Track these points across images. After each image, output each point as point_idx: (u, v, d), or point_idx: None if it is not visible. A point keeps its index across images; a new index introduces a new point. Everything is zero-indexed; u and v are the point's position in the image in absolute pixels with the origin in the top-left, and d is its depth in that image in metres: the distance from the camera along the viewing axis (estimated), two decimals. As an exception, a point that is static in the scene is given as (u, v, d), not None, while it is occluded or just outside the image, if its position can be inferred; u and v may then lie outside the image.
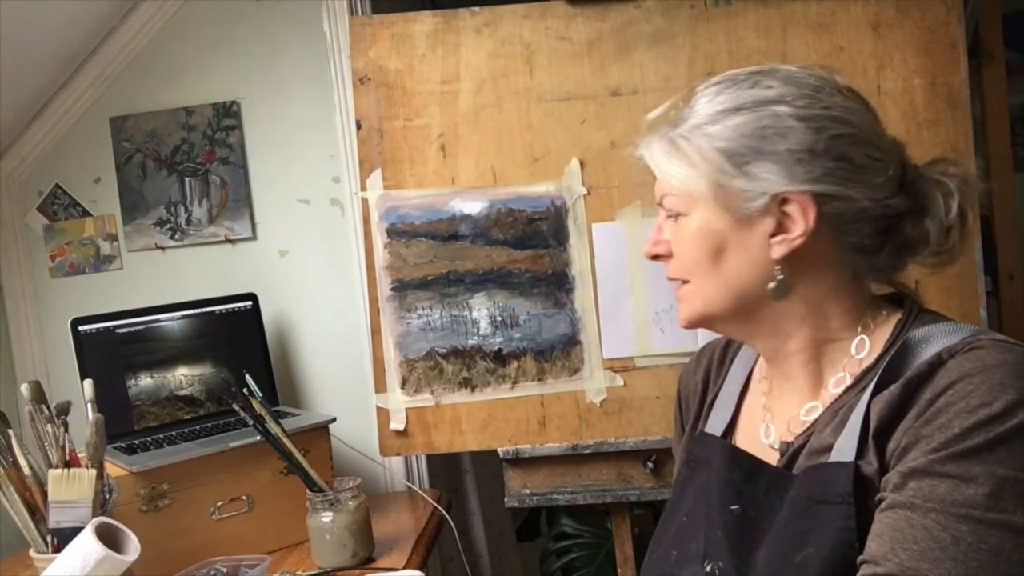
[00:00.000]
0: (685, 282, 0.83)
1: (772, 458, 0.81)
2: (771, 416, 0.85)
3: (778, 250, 0.77)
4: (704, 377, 0.97)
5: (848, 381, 0.78)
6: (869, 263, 0.80)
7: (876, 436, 0.70)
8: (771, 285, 0.78)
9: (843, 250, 0.78)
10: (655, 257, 0.86)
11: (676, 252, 0.83)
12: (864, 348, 0.79)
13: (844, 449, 0.72)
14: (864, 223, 0.77)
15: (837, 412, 0.77)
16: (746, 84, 0.79)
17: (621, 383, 1.35)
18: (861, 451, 0.71)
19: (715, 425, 0.90)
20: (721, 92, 0.80)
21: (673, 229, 0.83)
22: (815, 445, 0.77)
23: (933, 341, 0.73)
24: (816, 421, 0.79)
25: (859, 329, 0.80)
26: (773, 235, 0.77)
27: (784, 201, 0.76)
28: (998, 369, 0.67)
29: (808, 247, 0.76)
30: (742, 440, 0.87)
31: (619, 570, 1.42)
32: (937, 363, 0.70)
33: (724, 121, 0.78)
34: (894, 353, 0.74)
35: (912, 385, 0.70)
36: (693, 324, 0.85)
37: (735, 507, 0.79)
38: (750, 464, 0.82)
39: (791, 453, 0.79)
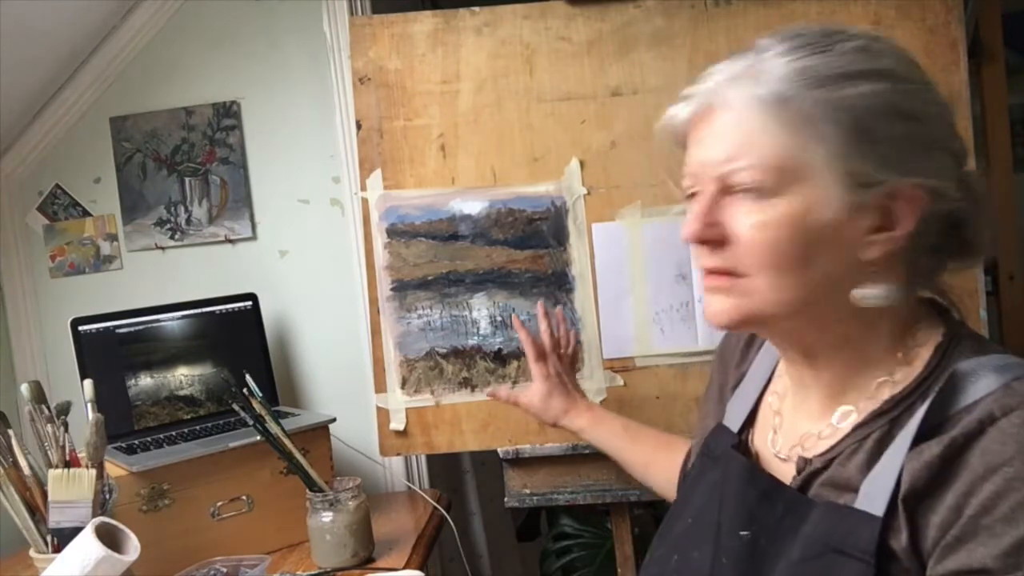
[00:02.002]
0: (737, 275, 0.69)
1: (780, 470, 0.76)
2: (779, 422, 0.79)
3: (875, 250, 0.67)
4: (743, 348, 0.89)
5: (875, 406, 0.70)
6: (929, 267, 0.72)
7: (908, 500, 0.62)
8: (869, 292, 0.67)
9: (916, 252, 0.69)
10: (702, 242, 0.71)
11: (745, 239, 0.68)
12: (898, 370, 0.70)
13: (872, 498, 0.64)
14: (940, 222, 0.69)
15: (863, 442, 0.68)
16: (852, 47, 0.67)
17: (621, 383, 1.35)
18: (891, 510, 0.63)
19: (733, 417, 0.84)
20: (824, 51, 0.67)
21: (745, 210, 0.68)
22: (837, 477, 0.69)
23: (981, 378, 0.64)
24: (839, 446, 0.70)
25: (898, 349, 0.71)
26: (876, 231, 0.67)
27: (893, 194, 0.66)
28: None
29: (899, 247, 0.67)
30: (759, 441, 0.81)
31: (619, 570, 1.42)
32: (988, 421, 0.61)
33: (847, 88, 0.65)
34: (939, 392, 0.64)
35: (957, 447, 0.61)
36: (737, 325, 0.72)
37: (745, 533, 0.72)
38: (768, 485, 0.74)
39: (807, 475, 0.72)
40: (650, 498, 1.37)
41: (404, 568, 1.29)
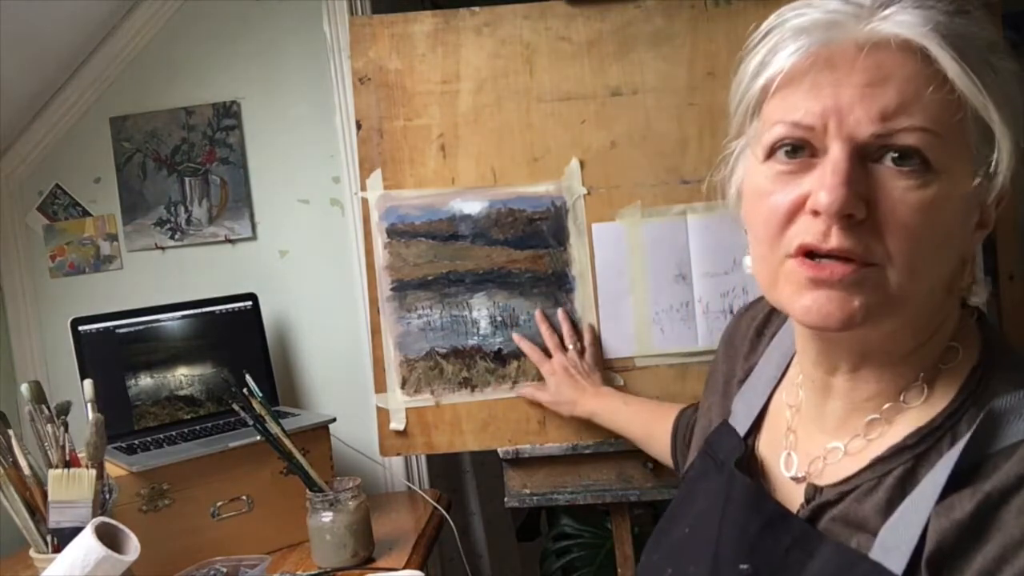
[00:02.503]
0: (866, 264, 0.57)
1: (791, 492, 0.68)
2: (794, 441, 0.70)
3: (971, 249, 0.61)
4: (754, 337, 0.81)
5: (896, 438, 0.61)
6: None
7: (933, 562, 0.54)
8: (978, 290, 0.63)
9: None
10: (848, 216, 0.56)
11: (904, 220, 0.55)
12: (920, 395, 0.62)
13: (890, 550, 0.56)
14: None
15: (883, 479, 0.60)
16: (978, 12, 0.58)
17: (621, 383, 1.35)
18: (912, 568, 0.55)
19: (740, 418, 0.76)
20: (977, 16, 0.57)
21: (906, 185, 0.55)
22: (851, 515, 0.61)
23: (1019, 420, 0.56)
24: (855, 479, 0.62)
25: (923, 365, 0.62)
26: (977, 227, 0.61)
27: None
28: None
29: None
30: (765, 449, 0.73)
31: (619, 570, 1.42)
32: None
33: (1005, 60, 0.57)
34: (974, 432, 0.56)
35: (992, 503, 0.53)
36: (857, 324, 0.58)
37: (745, 567, 0.65)
38: (774, 514, 0.66)
39: (817, 506, 0.64)
40: (650, 498, 1.37)
41: (404, 568, 1.29)
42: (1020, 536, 0.51)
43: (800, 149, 0.59)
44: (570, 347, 1.31)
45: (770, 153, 0.61)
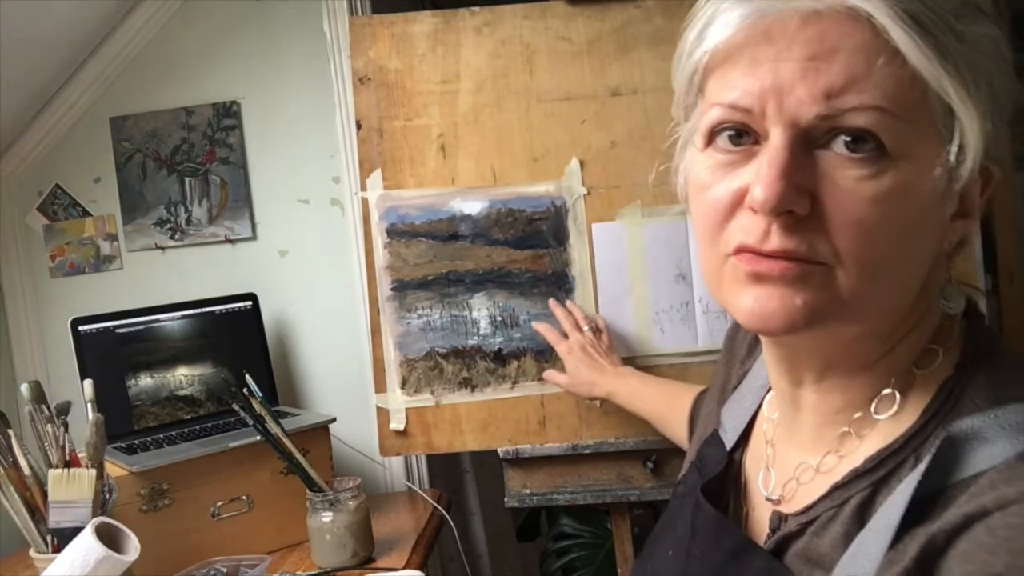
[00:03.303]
0: (813, 262, 0.50)
1: (764, 518, 0.62)
2: (772, 455, 0.64)
3: (948, 244, 0.54)
4: (752, 341, 0.74)
5: (858, 460, 0.55)
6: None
7: None
8: (952, 295, 0.55)
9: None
10: (789, 213, 0.49)
11: (852, 215, 0.48)
12: (892, 404, 0.55)
13: None
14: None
15: (841, 509, 0.54)
16: None
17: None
18: None
19: (728, 428, 0.71)
20: None
21: (855, 175, 0.48)
22: (811, 550, 0.55)
23: (986, 442, 0.49)
24: (815, 508, 0.56)
25: (895, 373, 0.55)
26: (956, 217, 0.53)
27: (985, 170, 0.52)
28: None
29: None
30: (749, 463, 0.68)
31: (619, 570, 1.42)
32: (976, 516, 0.45)
33: (979, 24, 0.49)
34: (928, 466, 0.49)
35: (934, 549, 0.46)
36: (800, 326, 0.51)
37: None
38: (737, 546, 0.60)
39: (783, 537, 0.57)
40: (650, 498, 1.37)
41: (404, 568, 1.29)
42: None
43: (745, 134, 0.51)
44: (585, 328, 1.31)
45: (709, 139, 0.54)
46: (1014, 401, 0.50)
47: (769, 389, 0.68)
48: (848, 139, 0.48)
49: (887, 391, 0.55)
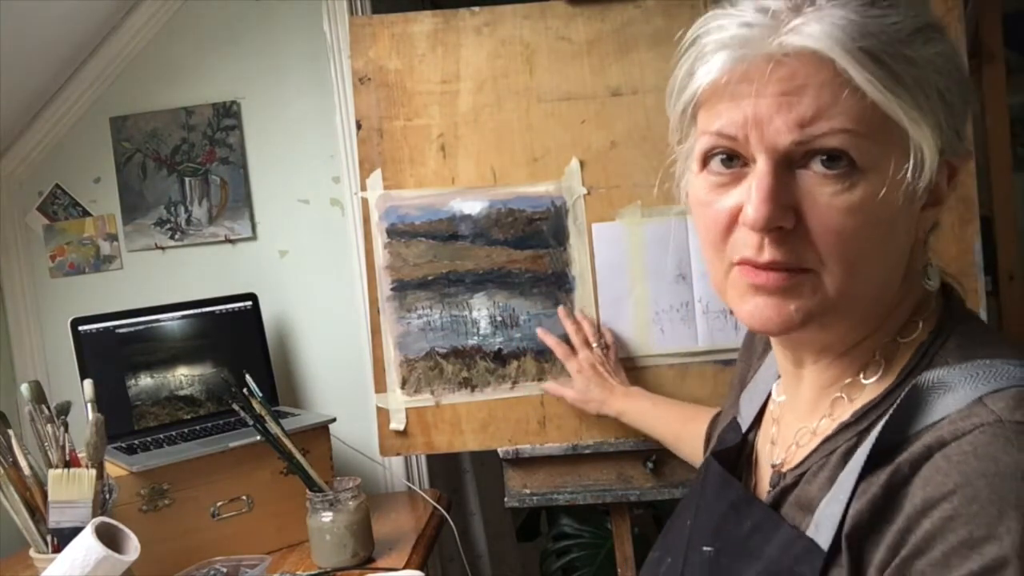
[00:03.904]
0: (802, 270, 0.58)
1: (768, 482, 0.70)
2: (777, 432, 0.72)
3: (922, 231, 0.62)
4: (766, 342, 0.81)
5: (846, 415, 0.63)
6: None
7: (851, 537, 0.56)
8: (933, 276, 0.63)
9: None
10: (778, 228, 0.57)
11: (830, 225, 0.56)
12: (878, 370, 0.63)
13: (821, 528, 0.58)
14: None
15: (829, 457, 0.62)
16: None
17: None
18: (836, 544, 0.56)
19: (745, 414, 0.78)
20: (898, 1, 0.57)
21: (831, 190, 0.56)
22: (802, 496, 0.63)
23: (950, 391, 0.56)
24: (809, 460, 0.64)
25: (881, 343, 0.63)
26: (924, 209, 0.61)
27: (947, 164, 0.60)
28: (1008, 484, 0.49)
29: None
30: (760, 442, 0.75)
31: (619, 570, 1.42)
32: (936, 447, 0.53)
33: (930, 44, 0.57)
34: (895, 408, 0.57)
35: (901, 477, 0.54)
36: (795, 328, 0.60)
37: (708, 549, 0.67)
38: (738, 497, 0.68)
39: (780, 490, 0.66)
40: (650, 498, 1.37)
41: (404, 568, 1.29)
42: (921, 507, 0.52)
43: (735, 158, 0.60)
44: (595, 344, 1.31)
45: (704, 163, 0.62)
46: (978, 358, 0.57)
47: (779, 377, 0.75)
48: (824, 158, 0.56)
49: (875, 359, 0.63)
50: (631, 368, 1.35)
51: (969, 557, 0.49)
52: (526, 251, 1.37)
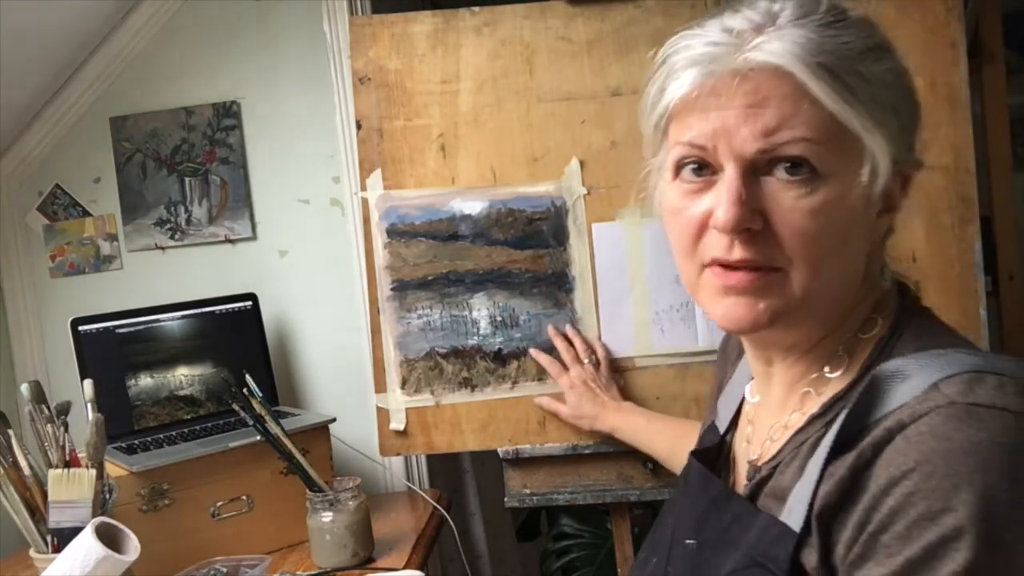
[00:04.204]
0: (771, 269, 0.63)
1: (744, 478, 0.74)
2: (752, 430, 0.76)
3: (878, 234, 0.67)
4: (740, 346, 0.83)
5: (815, 408, 0.67)
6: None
7: (821, 518, 0.60)
8: (887, 276, 0.68)
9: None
10: (747, 230, 0.62)
11: (794, 227, 0.61)
12: (842, 365, 0.67)
13: (794, 511, 0.62)
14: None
15: (799, 448, 0.66)
16: (856, 18, 0.64)
17: (621, 383, 1.35)
18: (807, 526, 0.60)
19: (722, 416, 0.83)
20: (838, 21, 0.62)
21: (794, 194, 0.61)
22: (776, 487, 0.67)
23: (906, 379, 0.60)
24: (782, 452, 0.68)
25: (844, 339, 0.68)
26: (880, 214, 0.65)
27: (899, 172, 0.65)
28: (962, 459, 0.53)
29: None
30: (737, 442, 0.79)
31: (619, 570, 1.42)
32: (896, 429, 0.57)
33: (881, 62, 0.62)
34: (858, 397, 0.61)
35: (865, 459, 0.58)
36: (764, 325, 0.64)
37: (691, 542, 0.71)
38: (718, 493, 0.73)
39: (756, 483, 0.70)
40: (650, 498, 1.38)
41: (404, 568, 1.29)
42: (885, 485, 0.56)
43: (705, 167, 0.65)
44: (586, 361, 1.32)
45: (676, 172, 0.67)
46: (932, 348, 0.62)
47: (752, 379, 0.79)
48: (787, 165, 0.61)
49: (838, 354, 0.68)
50: (631, 368, 1.35)
51: (928, 528, 0.53)
52: (526, 251, 1.37)
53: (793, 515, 0.62)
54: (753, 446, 0.75)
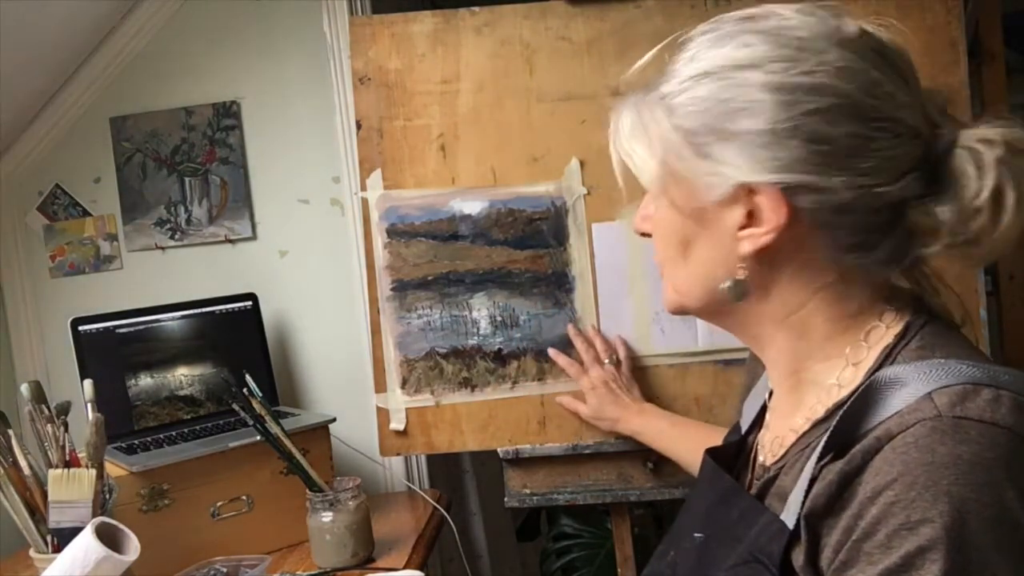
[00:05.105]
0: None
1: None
2: (767, 430, 0.79)
3: (744, 246, 0.66)
4: None
5: (820, 414, 0.68)
6: (861, 261, 0.66)
7: (809, 519, 0.61)
8: (726, 284, 0.68)
9: (828, 247, 0.65)
10: (644, 234, 0.76)
11: (654, 235, 0.75)
12: (848, 374, 0.68)
13: (790, 511, 0.64)
14: (855, 215, 0.63)
15: (803, 452, 0.68)
16: (727, 38, 0.67)
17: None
18: (798, 525, 0.62)
19: (747, 417, 0.85)
20: (703, 47, 0.69)
21: (649, 207, 0.75)
22: (780, 488, 0.69)
23: (903, 387, 0.60)
24: (787, 455, 0.71)
25: (847, 349, 0.68)
26: (742, 228, 0.66)
27: (752, 191, 0.64)
28: (942, 472, 0.54)
29: (783, 244, 0.65)
30: (758, 442, 0.81)
31: (619, 570, 1.42)
32: (885, 439, 0.58)
33: (692, 90, 0.67)
34: (852, 402, 0.62)
35: (855, 466, 0.59)
36: (672, 311, 0.77)
37: (699, 535, 0.74)
38: (726, 489, 0.75)
39: (764, 483, 0.72)
40: (650, 498, 1.37)
41: (404, 568, 1.29)
42: (870, 494, 0.57)
43: None
44: (606, 361, 1.30)
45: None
46: (934, 357, 0.62)
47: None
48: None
49: (847, 364, 0.68)
50: (631, 368, 1.35)
51: (907, 539, 0.54)
52: (526, 251, 1.37)
53: (789, 515, 0.64)
54: (765, 448, 0.77)
